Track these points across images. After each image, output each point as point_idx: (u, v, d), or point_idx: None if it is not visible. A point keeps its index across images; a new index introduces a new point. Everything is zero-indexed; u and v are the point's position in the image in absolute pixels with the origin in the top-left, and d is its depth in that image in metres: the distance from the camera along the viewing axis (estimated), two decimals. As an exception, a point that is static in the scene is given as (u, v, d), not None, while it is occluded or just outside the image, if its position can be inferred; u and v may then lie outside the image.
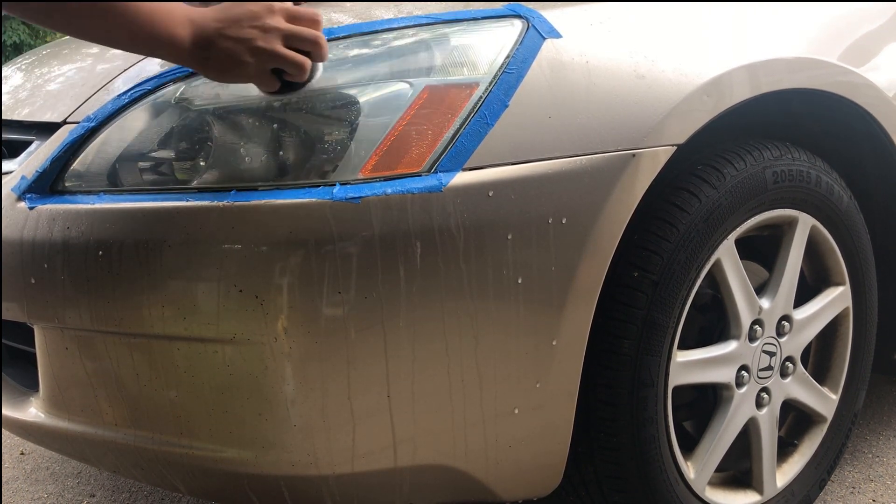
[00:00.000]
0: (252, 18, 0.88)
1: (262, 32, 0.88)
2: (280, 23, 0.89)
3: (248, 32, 0.88)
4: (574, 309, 0.98)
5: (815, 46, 1.22)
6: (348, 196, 0.88)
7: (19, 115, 1.20)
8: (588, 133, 0.97)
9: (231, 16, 0.88)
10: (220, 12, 0.88)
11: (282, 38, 0.89)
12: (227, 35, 0.87)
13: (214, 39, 0.87)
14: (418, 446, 0.96)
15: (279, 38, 0.89)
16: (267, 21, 0.88)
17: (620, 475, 1.11)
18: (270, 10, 0.89)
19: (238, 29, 0.88)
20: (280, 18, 0.89)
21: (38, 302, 0.99)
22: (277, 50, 0.89)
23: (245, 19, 0.88)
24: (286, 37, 0.89)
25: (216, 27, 0.87)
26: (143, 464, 1.02)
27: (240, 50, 0.88)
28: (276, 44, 0.88)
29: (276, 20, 0.89)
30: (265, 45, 0.88)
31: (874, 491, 1.48)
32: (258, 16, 0.88)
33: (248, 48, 0.88)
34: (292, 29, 0.89)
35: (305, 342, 0.89)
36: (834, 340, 1.37)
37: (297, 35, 0.89)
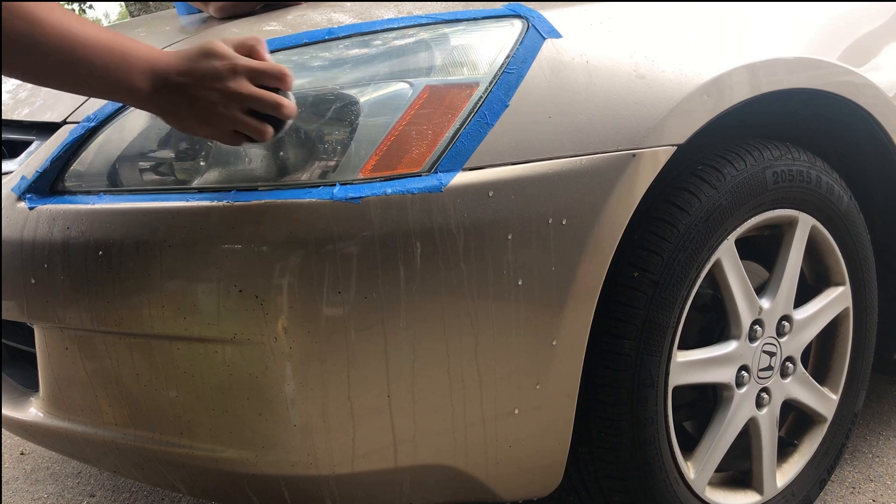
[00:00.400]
0: (215, 79, 0.85)
1: (222, 97, 0.85)
2: (242, 86, 0.85)
3: (210, 94, 0.85)
4: (574, 309, 0.98)
5: (815, 46, 1.22)
6: (348, 196, 0.88)
7: (19, 114, 1.20)
8: (588, 133, 0.97)
9: (196, 72, 0.85)
10: (186, 64, 0.85)
11: (241, 103, 0.86)
12: (190, 94, 0.85)
13: (175, 94, 0.85)
14: (418, 446, 0.96)
15: (239, 103, 0.86)
16: (229, 84, 0.85)
17: (620, 475, 1.11)
18: (234, 71, 0.85)
19: (201, 89, 0.85)
20: (243, 81, 0.85)
21: (38, 302, 0.99)
22: (236, 117, 0.86)
23: (209, 78, 0.85)
24: (247, 101, 0.86)
25: (179, 83, 0.85)
26: (143, 464, 1.02)
27: (200, 110, 0.86)
28: (234, 110, 0.86)
29: (239, 84, 0.85)
30: (225, 110, 0.86)
31: (874, 491, 1.48)
32: (221, 77, 0.85)
33: (208, 111, 0.86)
34: (253, 94, 0.86)
35: (305, 342, 0.89)
36: (834, 340, 1.37)
37: (259, 100, 0.86)
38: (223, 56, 0.85)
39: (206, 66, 0.85)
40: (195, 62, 0.85)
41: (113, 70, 0.83)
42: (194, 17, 1.43)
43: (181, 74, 0.85)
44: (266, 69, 0.87)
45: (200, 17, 1.38)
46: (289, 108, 0.88)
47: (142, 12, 5.86)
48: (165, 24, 1.45)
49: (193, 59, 0.85)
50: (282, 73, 0.87)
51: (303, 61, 1.01)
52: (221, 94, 0.85)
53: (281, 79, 0.87)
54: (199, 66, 0.85)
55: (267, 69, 0.87)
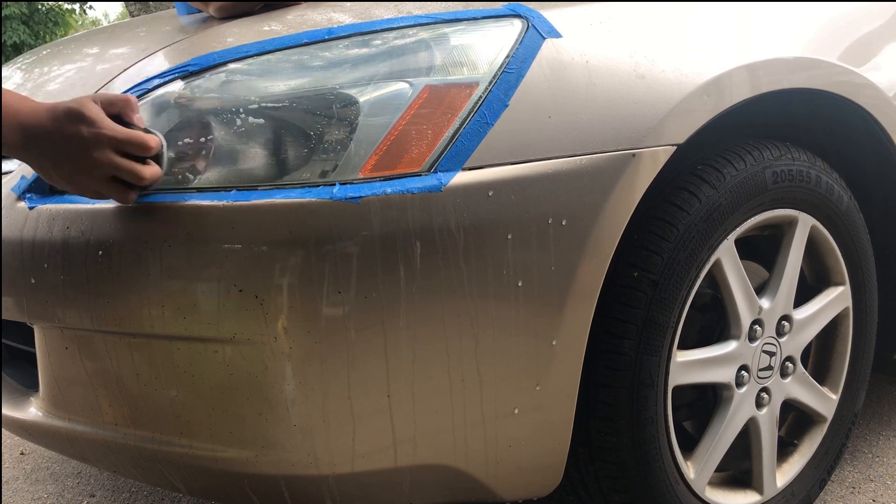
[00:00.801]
0: (80, 147, 0.88)
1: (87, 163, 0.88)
2: (104, 156, 0.88)
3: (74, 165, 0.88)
4: (574, 309, 0.98)
5: (815, 46, 1.22)
6: (348, 196, 0.88)
7: (19, 115, 1.19)
8: (588, 133, 0.97)
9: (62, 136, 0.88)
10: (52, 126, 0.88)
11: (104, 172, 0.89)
12: (54, 157, 0.89)
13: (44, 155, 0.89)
14: (418, 446, 0.96)
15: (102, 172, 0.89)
16: (93, 153, 0.88)
17: (620, 475, 1.11)
18: (97, 140, 0.88)
19: (64, 155, 0.88)
20: (106, 152, 0.88)
21: (38, 302, 0.99)
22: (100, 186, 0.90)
23: (74, 146, 0.88)
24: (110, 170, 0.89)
25: (45, 146, 0.88)
26: (143, 464, 1.02)
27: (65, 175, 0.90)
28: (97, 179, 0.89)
29: (101, 154, 0.88)
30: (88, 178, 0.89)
31: (874, 491, 1.48)
32: (86, 145, 0.88)
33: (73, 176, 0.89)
34: (115, 163, 0.89)
35: (305, 342, 0.89)
36: (834, 340, 1.37)
37: (119, 170, 0.89)
38: (90, 122, 0.88)
39: (71, 130, 0.88)
40: (62, 124, 0.88)
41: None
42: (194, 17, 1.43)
43: (48, 135, 0.88)
44: (129, 139, 0.90)
45: (200, 17, 1.38)
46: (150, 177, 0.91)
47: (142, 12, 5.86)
48: (165, 24, 1.45)
49: (61, 120, 0.88)
50: (144, 142, 0.90)
51: (303, 61, 1.01)
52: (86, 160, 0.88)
53: (144, 148, 0.90)
54: (64, 129, 0.88)
55: (130, 139, 0.90)
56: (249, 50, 1.02)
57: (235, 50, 1.03)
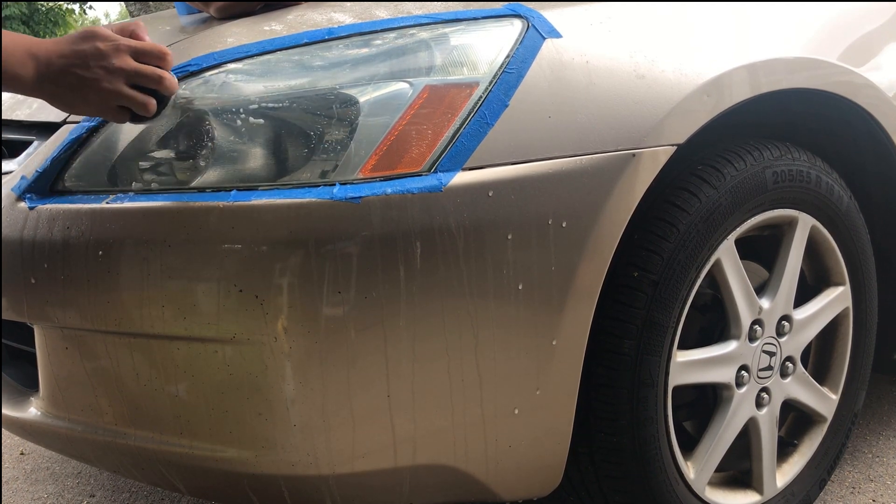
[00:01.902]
0: (98, 58, 0.88)
1: (106, 73, 0.89)
2: (125, 62, 0.89)
3: (94, 72, 0.88)
4: (574, 309, 0.98)
5: (815, 46, 1.22)
6: (348, 196, 0.88)
7: (19, 114, 1.20)
8: (588, 133, 0.97)
9: (78, 53, 0.88)
10: (67, 47, 0.89)
11: (126, 78, 0.90)
12: (73, 73, 0.88)
13: (60, 76, 0.88)
14: (418, 446, 0.96)
15: (123, 77, 0.89)
16: (113, 61, 0.88)
17: (620, 475, 1.11)
18: (117, 49, 0.89)
19: (84, 68, 0.88)
20: (126, 58, 0.90)
21: (38, 302, 0.99)
22: (120, 91, 0.90)
23: (91, 58, 0.88)
24: (130, 76, 0.90)
25: (62, 64, 0.88)
26: (143, 464, 1.02)
27: (85, 89, 0.89)
28: (119, 84, 0.89)
29: (122, 60, 0.89)
30: (109, 85, 0.89)
31: (874, 491, 1.48)
32: (104, 55, 0.88)
33: (93, 88, 0.89)
34: (137, 68, 0.90)
35: (305, 342, 0.89)
36: (834, 340, 1.37)
37: (141, 74, 0.90)
38: (105, 38, 0.90)
39: (88, 47, 0.89)
40: (76, 44, 0.89)
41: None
42: (194, 17, 1.43)
43: (62, 56, 0.88)
44: (148, 48, 0.91)
45: (200, 18, 1.38)
46: (170, 82, 0.93)
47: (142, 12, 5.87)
48: (165, 24, 1.45)
49: (75, 41, 0.89)
50: (162, 52, 0.92)
51: (303, 61, 1.01)
52: (106, 70, 0.89)
53: (162, 57, 0.92)
54: (80, 47, 0.89)
55: (148, 48, 0.91)
56: (249, 50, 1.02)
57: (235, 50, 1.03)
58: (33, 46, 0.88)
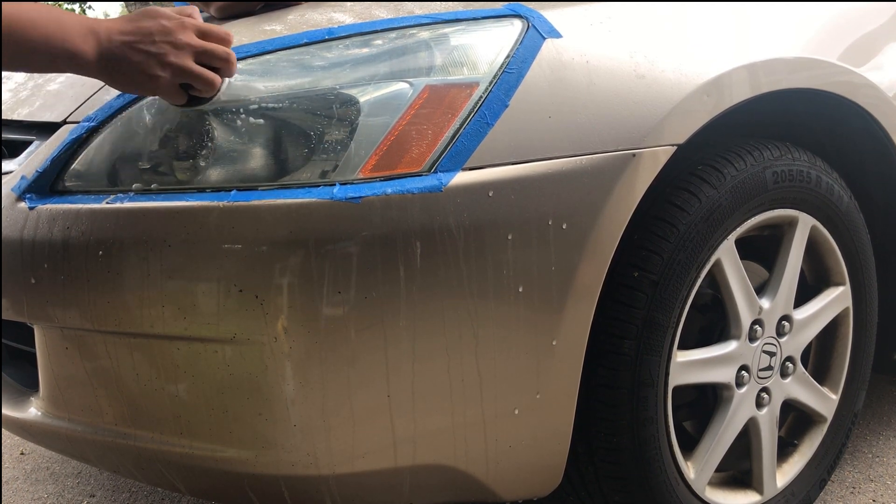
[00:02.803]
0: (164, 34, 0.88)
1: (173, 48, 0.88)
2: (192, 39, 0.89)
3: (160, 47, 0.88)
4: (574, 309, 0.98)
5: (815, 46, 1.22)
6: (348, 196, 0.88)
7: (19, 114, 1.20)
8: (588, 133, 0.97)
9: (142, 30, 0.88)
10: (130, 25, 0.88)
11: (193, 55, 0.89)
12: (138, 49, 0.87)
13: (123, 53, 0.87)
14: (418, 446, 0.96)
15: (190, 54, 0.89)
16: (179, 37, 0.88)
17: (620, 475, 1.11)
18: (182, 26, 0.89)
19: (149, 44, 0.88)
20: (192, 34, 0.90)
21: (38, 302, 0.99)
22: (189, 66, 0.89)
23: (157, 34, 0.88)
24: (197, 53, 0.90)
25: (124, 41, 0.87)
26: (143, 464, 1.02)
27: (151, 64, 0.88)
28: (187, 60, 0.89)
29: (188, 36, 0.89)
30: (177, 60, 0.88)
31: (874, 491, 1.48)
32: (170, 31, 0.88)
33: (160, 62, 0.88)
34: (204, 46, 0.90)
35: (305, 342, 0.89)
36: (834, 340, 1.37)
37: (208, 52, 0.90)
38: (169, 16, 0.89)
39: (152, 23, 0.88)
40: (140, 21, 0.89)
41: (52, 39, 0.84)
42: (194, 17, 1.43)
43: (124, 33, 0.87)
44: (212, 28, 0.91)
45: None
46: (234, 65, 0.93)
47: (142, 12, 5.86)
48: (165, 24, 1.45)
49: (137, 19, 0.89)
50: (226, 33, 0.92)
51: (303, 61, 1.01)
52: (172, 45, 0.88)
53: (225, 38, 0.92)
54: (144, 24, 0.88)
55: (213, 28, 0.91)
56: (249, 50, 1.02)
57: (235, 50, 1.03)
58: (93, 24, 0.87)
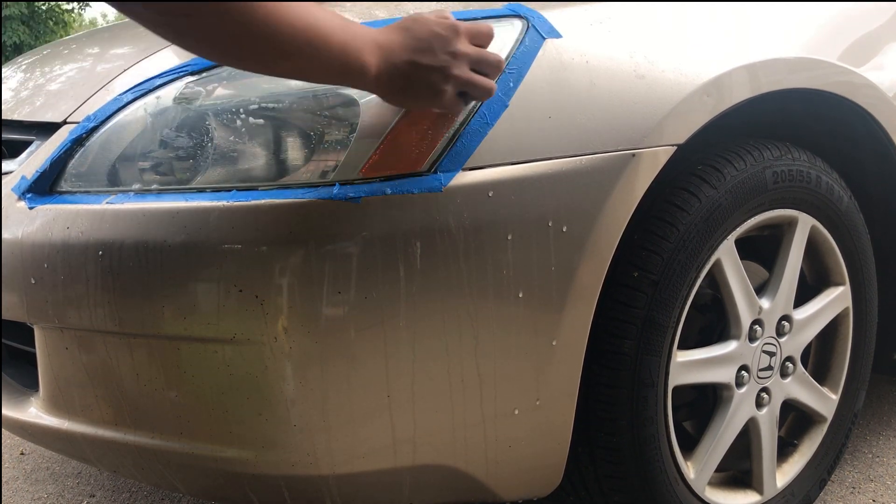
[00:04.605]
0: (442, 43, 0.83)
1: (453, 59, 0.83)
2: (468, 46, 0.85)
3: (441, 59, 0.83)
4: (574, 309, 0.98)
5: (814, 46, 1.22)
6: (348, 196, 0.88)
7: (20, 114, 1.20)
8: (588, 133, 0.97)
9: (420, 41, 0.83)
10: (406, 36, 0.83)
11: (470, 63, 0.85)
12: (421, 64, 0.83)
13: (408, 69, 0.83)
14: (418, 446, 0.96)
15: (468, 63, 0.85)
16: (457, 46, 0.84)
17: (620, 475, 1.11)
18: (456, 32, 0.84)
19: (431, 56, 0.83)
20: (466, 41, 0.85)
21: (38, 302, 0.99)
22: (471, 77, 0.85)
23: (436, 44, 0.83)
24: (475, 60, 0.85)
25: (407, 56, 0.82)
26: (143, 464, 1.02)
27: (436, 79, 0.84)
28: (467, 70, 0.85)
29: (464, 44, 0.85)
30: (460, 72, 0.84)
31: (874, 491, 1.48)
32: (447, 40, 0.83)
33: (444, 76, 0.84)
34: (480, 53, 0.86)
35: (305, 342, 0.89)
36: (834, 340, 1.37)
37: (483, 59, 0.86)
38: (440, 22, 0.84)
39: (427, 32, 0.83)
40: (414, 32, 0.83)
41: (350, 51, 0.78)
42: (194, 17, 1.43)
43: (406, 47, 0.82)
44: (480, 30, 0.87)
45: (200, 17, 1.38)
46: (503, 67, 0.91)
47: (142, 12, 5.85)
48: (165, 24, 1.44)
49: (409, 30, 0.83)
50: (491, 31, 0.89)
51: (303, 61, 1.01)
52: (452, 55, 0.83)
53: (490, 36, 0.89)
54: (420, 35, 0.83)
55: (482, 29, 0.88)
56: (249, 50, 1.02)
57: (235, 50, 1.03)
58: (376, 35, 0.82)
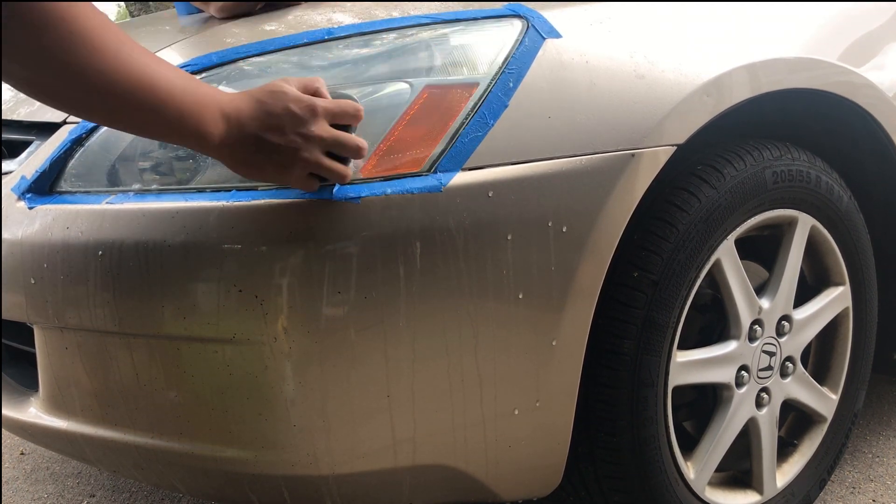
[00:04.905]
0: (295, 123, 0.80)
1: (305, 141, 0.80)
2: (323, 130, 0.82)
3: (290, 139, 0.80)
4: (574, 309, 0.98)
5: (814, 46, 1.22)
6: (348, 196, 0.88)
7: (19, 114, 1.20)
8: (588, 133, 0.97)
9: (271, 116, 0.79)
10: (257, 109, 0.80)
11: (322, 147, 0.82)
12: (269, 141, 0.80)
13: (253, 143, 0.80)
14: (418, 446, 0.96)
15: (321, 146, 0.82)
16: (311, 128, 0.80)
17: (620, 475, 1.11)
18: (313, 113, 0.81)
19: (280, 136, 0.80)
20: (323, 123, 0.82)
21: (38, 302, 0.99)
22: (320, 161, 0.83)
23: (288, 124, 0.80)
24: (329, 144, 0.83)
25: (254, 129, 0.79)
26: (143, 464, 1.02)
27: (283, 160, 0.81)
28: (317, 154, 0.82)
29: (319, 127, 0.81)
30: (308, 155, 0.81)
31: (874, 491, 1.48)
32: (302, 121, 0.80)
33: (292, 158, 0.81)
34: (336, 137, 0.83)
35: (305, 342, 0.89)
36: (834, 340, 1.37)
37: (340, 143, 0.83)
38: (298, 99, 0.81)
39: (281, 109, 0.80)
40: (268, 106, 0.80)
41: (187, 116, 0.76)
42: (194, 17, 1.43)
43: (255, 119, 0.79)
44: (344, 109, 0.83)
45: (201, 18, 1.38)
46: (365, 150, 0.85)
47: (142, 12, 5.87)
48: (165, 23, 1.45)
49: (266, 103, 0.80)
50: (357, 111, 0.85)
51: (302, 61, 1.01)
52: (304, 138, 0.80)
53: (357, 117, 0.85)
54: (273, 110, 0.80)
55: (345, 109, 0.84)
56: (249, 50, 1.02)
57: (235, 50, 1.03)
58: (223, 102, 0.79)
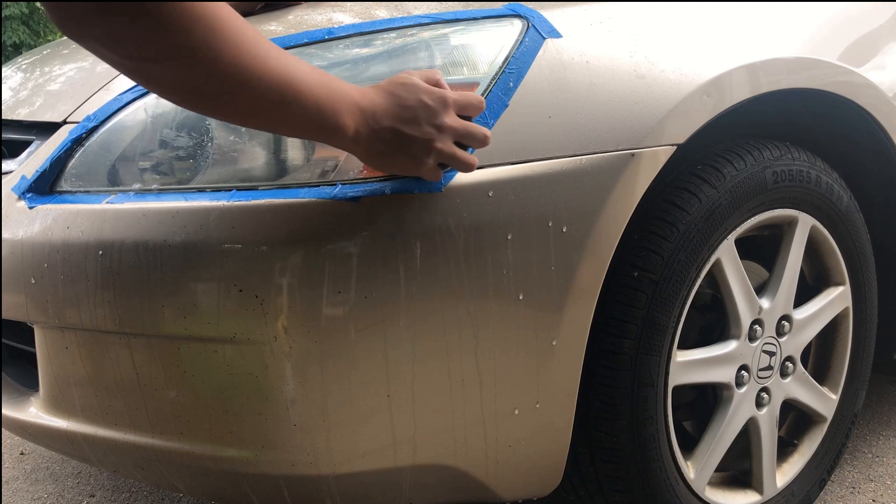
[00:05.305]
0: (430, 115, 0.82)
1: (438, 132, 0.82)
2: (455, 121, 0.84)
3: (427, 132, 0.81)
4: (574, 308, 0.98)
5: (814, 46, 1.22)
6: (348, 196, 0.88)
7: (19, 114, 1.20)
8: (588, 133, 0.97)
9: (406, 109, 0.81)
10: (392, 102, 0.81)
11: (455, 137, 0.84)
12: (405, 133, 0.81)
13: (389, 136, 0.81)
14: (418, 446, 0.96)
15: (453, 136, 0.84)
16: (444, 119, 0.82)
17: (620, 475, 1.11)
18: (444, 104, 0.82)
19: (416, 127, 0.81)
20: (453, 114, 0.84)
21: (38, 302, 0.99)
22: (454, 152, 0.84)
23: (423, 115, 0.81)
24: (460, 134, 0.85)
25: (391, 122, 0.81)
26: (143, 464, 1.02)
27: (418, 150, 0.83)
28: (451, 144, 0.84)
29: (451, 118, 0.83)
30: (443, 147, 0.83)
31: (874, 491, 1.48)
32: (434, 113, 0.82)
33: (426, 149, 0.83)
34: (467, 128, 0.85)
35: (305, 342, 0.89)
36: (834, 340, 1.37)
37: (470, 133, 0.85)
38: (429, 91, 0.83)
39: (416, 102, 0.82)
40: (404, 99, 0.82)
41: (325, 110, 0.77)
42: (194, 17, 1.43)
43: (391, 112, 0.81)
44: (469, 101, 0.86)
45: (200, 17, 1.38)
46: (490, 138, 0.88)
47: (142, 12, 5.85)
48: (165, 24, 1.44)
49: (400, 95, 0.82)
50: (481, 103, 0.87)
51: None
52: (437, 129, 0.82)
53: (479, 108, 0.87)
54: (409, 102, 0.81)
55: (470, 101, 0.86)
56: (249, 50, 1.02)
57: (235, 50, 1.03)
58: (357, 96, 0.80)
